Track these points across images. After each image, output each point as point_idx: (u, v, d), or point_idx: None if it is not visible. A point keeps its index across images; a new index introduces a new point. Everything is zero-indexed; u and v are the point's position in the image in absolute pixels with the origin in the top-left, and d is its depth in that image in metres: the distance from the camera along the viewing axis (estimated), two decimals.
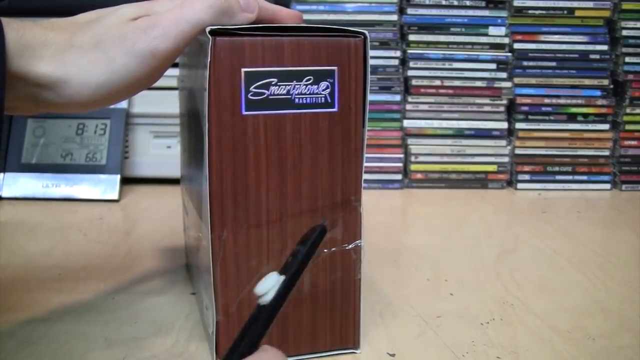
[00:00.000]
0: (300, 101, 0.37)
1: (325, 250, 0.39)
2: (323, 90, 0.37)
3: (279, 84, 0.36)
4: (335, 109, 0.38)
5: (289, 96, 0.37)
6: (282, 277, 0.31)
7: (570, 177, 0.88)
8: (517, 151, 0.88)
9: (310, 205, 0.38)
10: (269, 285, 0.31)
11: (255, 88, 0.36)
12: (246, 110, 0.36)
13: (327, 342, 0.40)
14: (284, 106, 0.37)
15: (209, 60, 0.35)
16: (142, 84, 0.35)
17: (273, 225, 0.38)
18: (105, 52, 0.33)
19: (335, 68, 0.37)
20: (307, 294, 0.39)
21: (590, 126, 0.88)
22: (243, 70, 0.36)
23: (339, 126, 0.38)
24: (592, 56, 0.87)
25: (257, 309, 0.31)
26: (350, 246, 0.39)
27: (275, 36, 0.36)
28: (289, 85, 0.37)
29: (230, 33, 0.35)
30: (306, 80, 0.37)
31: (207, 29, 0.36)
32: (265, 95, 0.36)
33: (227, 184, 0.37)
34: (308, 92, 0.37)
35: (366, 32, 0.37)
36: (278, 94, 0.36)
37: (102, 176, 0.78)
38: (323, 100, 0.37)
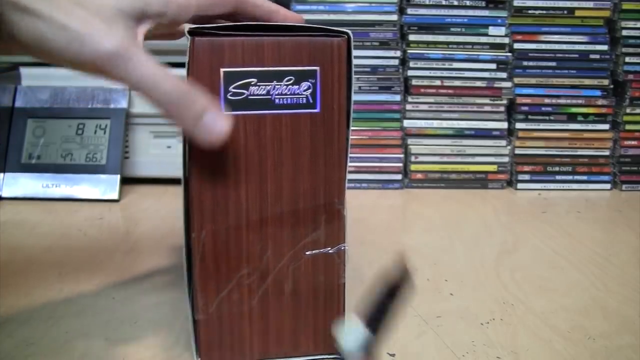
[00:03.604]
0: (281, 102, 0.37)
1: (307, 253, 0.39)
2: (304, 90, 0.37)
3: (258, 84, 0.36)
4: (317, 110, 0.37)
5: (269, 96, 0.36)
6: (366, 333, 0.30)
7: (570, 177, 0.88)
8: (517, 151, 0.88)
9: (291, 207, 0.38)
10: (353, 343, 0.30)
11: (234, 88, 0.36)
12: (225, 111, 0.36)
13: (310, 346, 0.40)
14: (263, 107, 0.36)
15: (187, 60, 0.35)
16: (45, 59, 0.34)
17: (253, 227, 0.38)
18: (66, 18, 0.32)
19: (317, 68, 0.36)
20: (289, 296, 0.39)
21: (590, 126, 0.88)
22: (222, 70, 0.35)
23: (321, 127, 0.37)
24: (592, 56, 0.87)
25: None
26: (333, 250, 0.39)
27: (255, 36, 0.36)
28: (268, 85, 0.36)
29: (209, 33, 0.35)
30: (287, 81, 0.36)
31: (186, 29, 0.36)
32: (245, 96, 0.36)
33: (206, 184, 0.37)
34: (289, 93, 0.37)
35: (349, 31, 0.37)
36: (258, 94, 0.36)
37: (102, 176, 0.78)
38: (304, 101, 0.37)
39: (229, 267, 0.38)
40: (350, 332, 0.29)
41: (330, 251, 0.39)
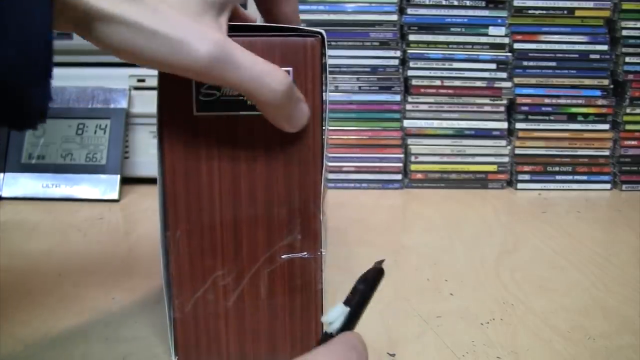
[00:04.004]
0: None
1: (282, 257, 0.38)
2: None
3: None
4: None
5: (241, 97, 0.36)
6: (347, 309, 0.31)
7: (570, 177, 0.88)
8: (517, 151, 0.88)
9: (265, 209, 0.37)
10: (336, 315, 0.30)
11: (206, 89, 0.35)
12: (197, 111, 0.36)
13: (288, 351, 0.40)
14: (236, 107, 0.36)
15: None
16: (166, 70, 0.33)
17: (227, 227, 0.37)
18: (154, 23, 0.30)
19: (290, 69, 0.36)
20: (265, 300, 0.39)
21: (590, 126, 0.88)
22: None
23: None
24: (592, 56, 0.87)
25: (323, 336, 0.30)
26: (307, 254, 0.38)
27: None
28: None
29: None
30: None
31: None
32: (217, 97, 0.36)
33: (180, 184, 0.37)
34: None
35: (323, 31, 0.36)
36: (230, 95, 0.36)
37: (102, 176, 0.78)
38: None
39: (203, 267, 0.38)
40: (333, 310, 0.30)
41: (305, 256, 0.38)
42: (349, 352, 0.28)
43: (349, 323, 0.31)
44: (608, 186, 0.88)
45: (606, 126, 0.88)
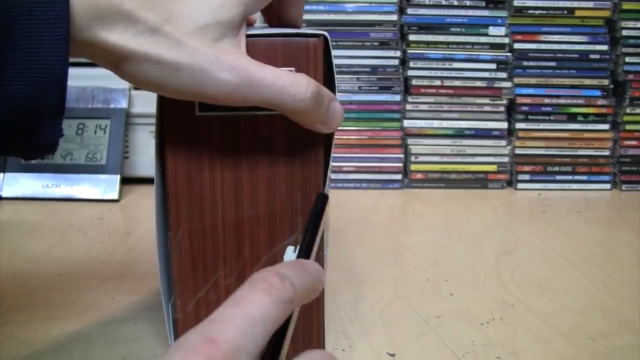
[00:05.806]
0: None
1: (284, 256, 0.38)
2: None
3: None
4: None
5: None
6: (296, 251, 0.30)
7: (570, 177, 0.88)
8: (517, 151, 0.88)
9: (267, 209, 0.37)
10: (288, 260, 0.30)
11: None
12: (200, 111, 0.36)
13: (289, 350, 0.40)
14: (239, 108, 0.35)
15: None
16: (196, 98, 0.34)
17: (229, 227, 0.37)
18: (177, 56, 0.31)
19: (292, 69, 0.36)
20: None
21: (590, 126, 0.88)
22: None
23: (297, 130, 0.36)
24: (592, 56, 0.87)
25: None
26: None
27: None
28: None
29: None
30: None
31: None
32: None
33: (182, 184, 0.37)
34: None
35: (326, 33, 0.36)
36: None
37: (102, 176, 0.78)
38: None
39: (205, 267, 0.38)
40: (285, 257, 0.30)
41: None
42: None
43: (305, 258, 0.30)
44: (608, 186, 0.88)
45: (606, 126, 0.88)
